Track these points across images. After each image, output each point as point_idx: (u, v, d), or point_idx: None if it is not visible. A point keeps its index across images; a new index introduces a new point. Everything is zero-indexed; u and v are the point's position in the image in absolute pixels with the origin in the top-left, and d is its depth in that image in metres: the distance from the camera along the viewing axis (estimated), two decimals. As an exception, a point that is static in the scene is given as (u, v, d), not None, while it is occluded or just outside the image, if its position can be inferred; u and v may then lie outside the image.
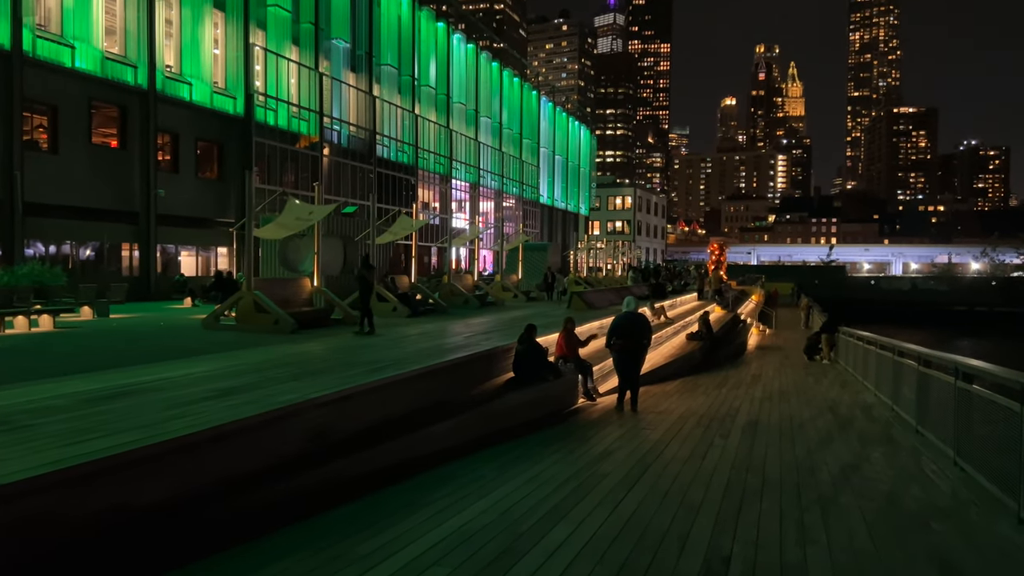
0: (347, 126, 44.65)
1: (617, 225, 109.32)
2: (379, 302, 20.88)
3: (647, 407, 11.40)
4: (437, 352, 10.28)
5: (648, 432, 9.19)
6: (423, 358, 9.45)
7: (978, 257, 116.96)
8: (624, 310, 11.38)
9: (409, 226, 23.54)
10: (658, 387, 14.44)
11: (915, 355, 9.47)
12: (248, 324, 16.03)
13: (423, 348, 10.97)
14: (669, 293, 33.37)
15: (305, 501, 5.42)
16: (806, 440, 9.02)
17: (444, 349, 10.74)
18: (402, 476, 6.52)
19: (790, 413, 11.34)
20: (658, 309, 22.74)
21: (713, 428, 9.66)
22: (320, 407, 6.38)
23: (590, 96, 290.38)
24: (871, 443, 8.91)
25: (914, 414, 9.56)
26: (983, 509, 5.90)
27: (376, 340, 12.61)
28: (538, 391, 10.00)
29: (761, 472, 7.12)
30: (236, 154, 36.39)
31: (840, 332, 21.20)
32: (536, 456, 7.60)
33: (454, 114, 56.55)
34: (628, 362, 11.13)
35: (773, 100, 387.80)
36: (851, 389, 14.90)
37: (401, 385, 7.74)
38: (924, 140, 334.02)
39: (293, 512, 5.23)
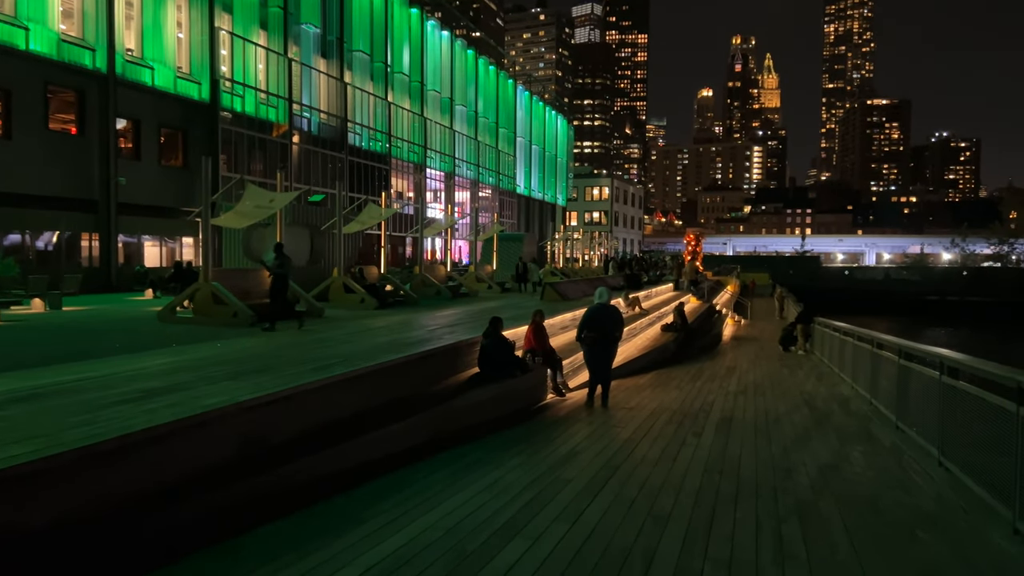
0: (317, 113, 43.67)
1: (594, 216, 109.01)
2: (346, 293, 20.25)
3: (618, 402, 10.92)
4: (396, 347, 9.69)
5: (618, 430, 8.69)
6: (379, 354, 8.87)
7: (949, 247, 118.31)
8: (596, 301, 10.87)
9: (377, 215, 22.85)
10: (631, 380, 13.98)
11: (895, 347, 9.06)
12: (205, 316, 15.33)
13: (382, 342, 10.37)
14: (644, 284, 32.99)
15: (220, 520, 4.82)
16: (782, 437, 8.57)
17: (404, 343, 10.16)
18: (344, 486, 5.94)
19: (765, 407, 10.92)
20: (633, 300, 22.30)
21: (686, 425, 9.19)
22: (250, 411, 5.78)
23: (568, 86, 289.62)
24: (850, 440, 8.48)
25: (894, 409, 9.16)
26: (973, 516, 5.45)
27: (334, 334, 11.99)
28: (503, 388, 9.46)
29: (735, 475, 6.64)
30: (202, 141, 35.34)
31: (816, 323, 20.91)
32: (496, 460, 7.05)
33: (428, 102, 55.68)
34: (599, 356, 10.63)
35: (749, 92, 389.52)
36: (827, 381, 14.55)
37: (349, 384, 7.15)
38: (897, 132, 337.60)
39: (205, 534, 4.63)
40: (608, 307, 10.88)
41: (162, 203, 32.02)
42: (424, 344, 9.98)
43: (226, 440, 5.47)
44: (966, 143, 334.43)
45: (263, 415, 5.95)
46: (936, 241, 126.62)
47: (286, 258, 13.77)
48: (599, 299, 10.85)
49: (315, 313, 17.07)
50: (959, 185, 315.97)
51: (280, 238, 18.68)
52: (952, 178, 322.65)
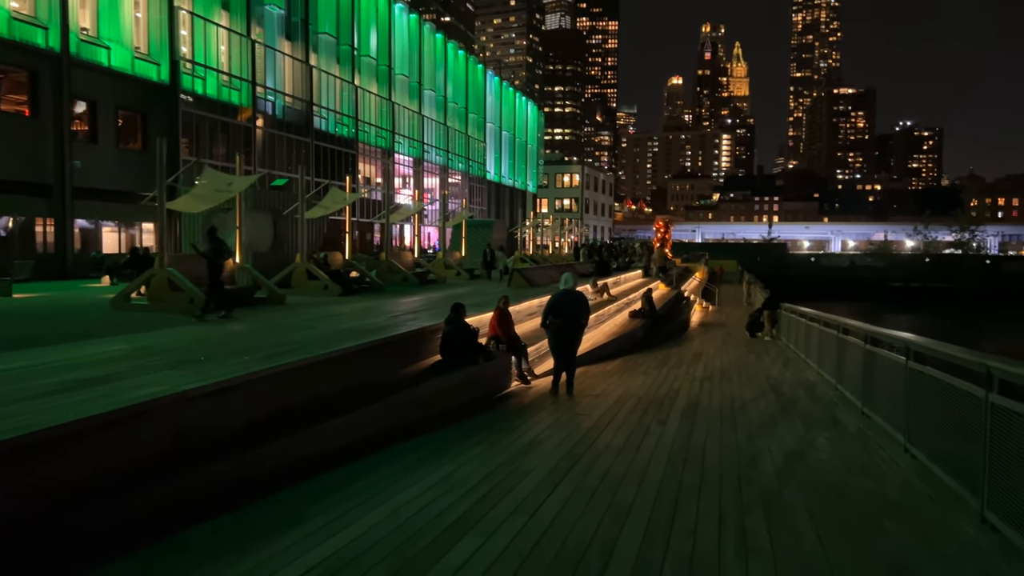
0: (282, 97, 42.81)
1: (565, 203, 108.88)
2: (309, 280, 19.82)
3: (584, 389, 10.72)
4: (355, 334, 9.37)
5: (582, 418, 8.48)
6: (337, 341, 8.55)
7: (912, 234, 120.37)
8: (561, 287, 10.63)
9: (341, 199, 22.37)
10: (598, 367, 13.81)
11: (861, 333, 8.97)
12: (161, 303, 14.85)
13: (341, 330, 10.04)
14: (613, 270, 32.92)
15: (154, 518, 4.50)
16: (748, 424, 8.44)
17: (364, 331, 9.84)
18: (293, 480, 5.64)
19: (731, 394, 10.80)
20: (601, 287, 22.15)
21: (651, 412, 9.02)
22: (192, 401, 5.45)
23: (538, 72, 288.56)
24: (815, 426, 8.37)
25: (859, 394, 9.07)
26: (940, 505, 5.33)
27: (292, 321, 11.62)
28: (464, 375, 9.20)
29: (700, 464, 6.46)
30: (162, 124, 34.40)
31: (782, 309, 20.95)
32: (453, 451, 6.80)
33: (396, 86, 54.93)
34: (564, 343, 10.42)
35: (718, 80, 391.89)
36: (793, 367, 14.53)
37: (301, 373, 6.83)
38: (862, 120, 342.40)
39: (136, 533, 4.31)
40: (574, 293, 10.66)
41: (121, 187, 31.09)
42: (385, 331, 9.68)
43: (163, 433, 5.14)
44: (929, 132, 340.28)
45: (206, 406, 5.62)
46: (900, 228, 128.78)
47: (221, 242, 13.18)
48: (564, 285, 10.62)
49: (276, 300, 16.67)
50: (922, 173, 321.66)
51: (239, 223, 18.19)
52: (915, 166, 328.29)
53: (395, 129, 54.87)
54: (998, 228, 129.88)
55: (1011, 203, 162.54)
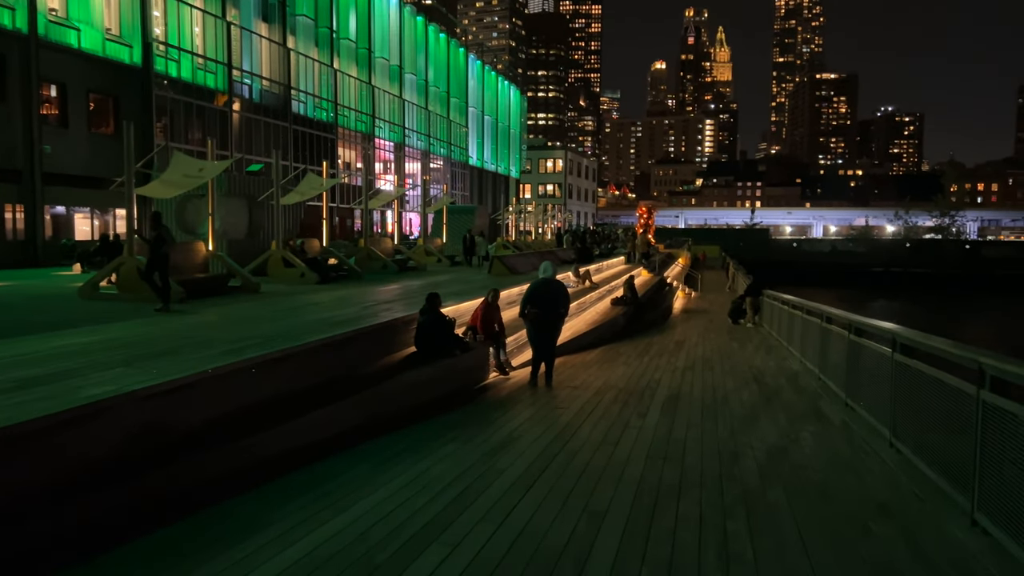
0: (259, 80, 42.05)
1: (548, 188, 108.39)
2: (285, 268, 19.41)
3: (563, 380, 10.48)
4: (326, 325, 9.05)
5: (560, 412, 8.24)
6: (306, 333, 8.23)
7: (892, 220, 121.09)
8: (540, 276, 10.36)
9: (318, 185, 21.92)
10: (578, 356, 13.58)
11: (846, 322, 8.77)
12: (131, 293, 14.41)
13: (312, 320, 9.71)
14: (596, 257, 32.71)
15: (103, 528, 4.20)
16: (730, 417, 8.23)
17: (336, 322, 9.52)
18: (257, 482, 5.35)
19: (713, 384, 10.61)
20: (583, 273, 21.89)
21: (631, 405, 8.79)
22: (145, 401, 5.13)
23: (521, 57, 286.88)
24: (799, 419, 8.19)
25: (843, 386, 8.90)
26: (928, 505, 5.13)
27: (261, 311, 11.28)
28: (439, 368, 8.92)
29: (680, 461, 6.23)
30: (135, 108, 33.67)
31: (764, 295, 20.83)
32: (426, 449, 6.53)
33: (376, 70, 54.19)
34: (544, 333, 10.16)
35: (702, 65, 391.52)
36: (776, 355, 14.38)
37: (266, 368, 6.52)
38: (844, 106, 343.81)
39: (79, 545, 4.01)
40: (553, 282, 10.40)
41: (93, 173, 30.39)
42: (358, 322, 9.36)
43: (110, 437, 4.82)
44: (910, 118, 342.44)
45: (159, 406, 5.30)
46: (881, 214, 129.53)
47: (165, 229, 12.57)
48: (543, 273, 10.35)
49: (250, 288, 16.28)
50: (903, 159, 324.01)
51: (212, 209, 17.74)
52: (896, 152, 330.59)
53: (375, 113, 54.19)
54: (977, 213, 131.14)
55: (990, 188, 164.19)
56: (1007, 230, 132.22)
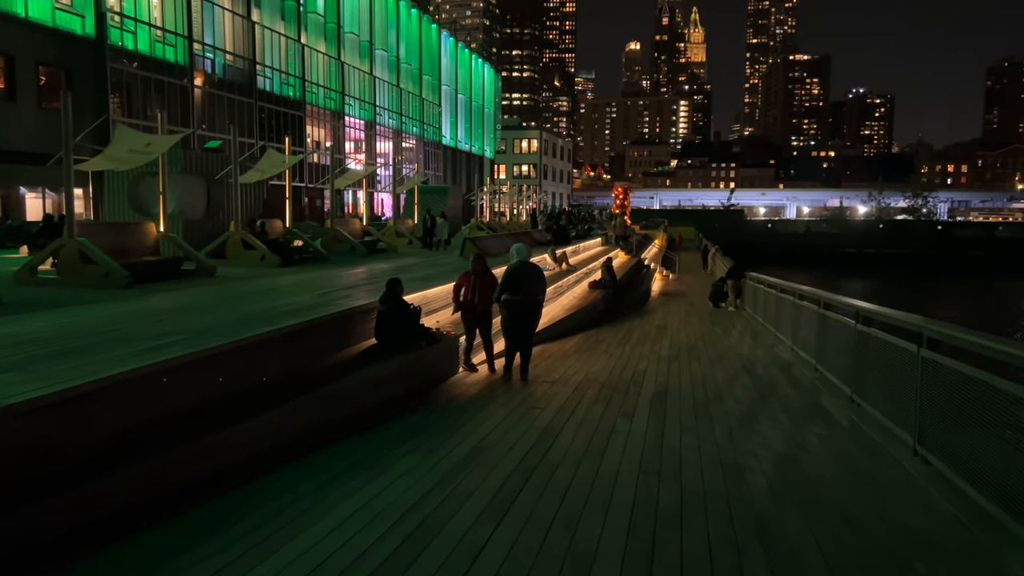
0: (222, 54, 40.33)
1: (523, 169, 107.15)
2: (245, 250, 18.27)
3: (540, 374, 9.58)
4: (271, 316, 8.03)
5: (537, 412, 7.32)
6: (246, 325, 7.22)
7: (866, 201, 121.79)
8: (515, 259, 9.40)
9: (280, 162, 20.70)
10: (556, 345, 12.69)
11: (853, 311, 7.94)
12: (71, 277, 13.25)
13: (259, 310, 8.67)
14: (573, 238, 31.81)
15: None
16: (725, 417, 7.38)
17: (284, 311, 8.49)
18: (153, 519, 4.36)
19: (702, 376, 9.76)
20: (560, 256, 20.99)
21: (615, 402, 7.91)
22: (27, 417, 4.12)
23: (495, 36, 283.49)
24: (802, 420, 7.36)
25: (847, 380, 8.08)
26: (980, 536, 4.28)
27: (204, 299, 10.20)
28: (402, 363, 7.95)
29: (677, 478, 5.35)
30: (89, 82, 32.03)
31: (747, 278, 20.10)
32: (380, 463, 5.58)
33: (346, 45, 52.47)
34: (522, 322, 9.24)
35: (676, 46, 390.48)
36: (763, 341, 13.61)
37: (182, 373, 5.51)
38: (817, 87, 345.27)
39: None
40: (530, 265, 9.47)
41: (44, 150, 28.65)
42: (310, 311, 8.35)
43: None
44: (881, 99, 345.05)
45: (46, 422, 4.29)
46: (854, 195, 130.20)
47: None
48: (518, 256, 9.39)
49: (205, 272, 15.16)
50: (874, 141, 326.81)
51: (163, 187, 16.52)
52: (867, 133, 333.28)
53: (345, 91, 52.55)
54: (948, 195, 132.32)
55: (960, 169, 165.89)
56: (976, 211, 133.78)
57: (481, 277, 9.53)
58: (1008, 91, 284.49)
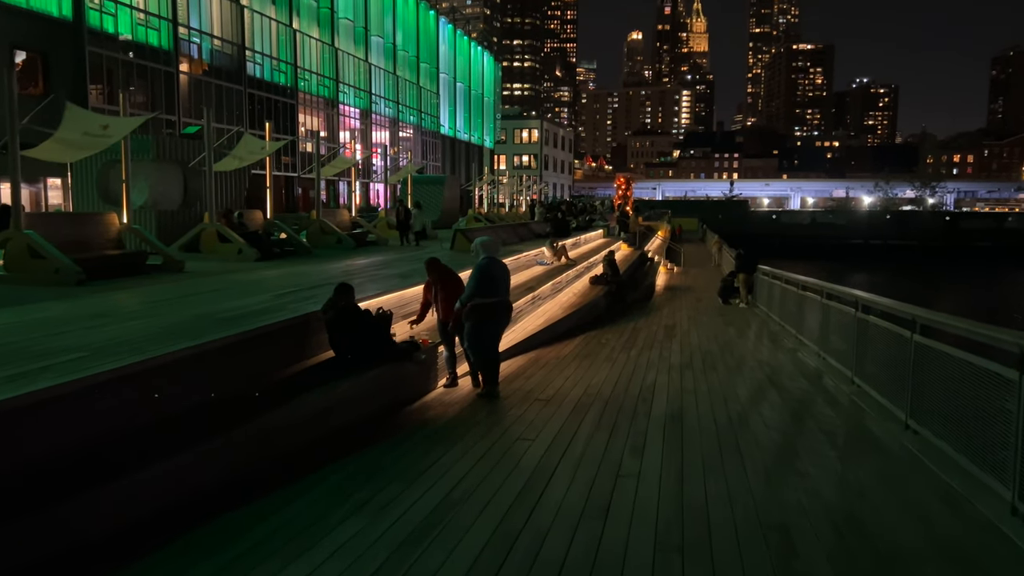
0: (209, 39, 38.86)
1: (524, 159, 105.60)
2: (221, 243, 16.92)
3: (533, 388, 8.22)
4: (207, 324, 6.67)
5: (523, 447, 5.95)
6: (173, 336, 5.86)
7: (872, 191, 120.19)
8: (483, 255, 7.94)
9: (258, 149, 19.27)
10: (553, 349, 11.32)
11: (909, 316, 6.56)
12: (20, 273, 11.95)
13: (193, 317, 7.27)
14: (573, 230, 30.42)
15: None
16: (757, 450, 6.01)
17: (227, 317, 7.12)
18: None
19: (722, 392, 8.40)
20: (559, 249, 19.60)
21: (621, 429, 6.54)
22: None
23: (496, 25, 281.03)
24: (851, 453, 6.00)
25: (900, 399, 6.71)
26: None
27: (147, 301, 8.83)
28: (359, 384, 6.56)
29: (707, 554, 3.98)
30: (68, 67, 30.63)
31: (760, 273, 18.73)
32: (312, 529, 4.22)
33: (340, 31, 50.95)
34: (494, 330, 7.89)
35: (678, 35, 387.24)
36: (783, 344, 12.25)
37: (78, 399, 4.16)
38: (820, 77, 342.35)
39: None
40: (501, 262, 8.12)
41: (20, 138, 27.30)
42: (256, 317, 6.98)
43: None
44: (885, 89, 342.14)
45: None
46: (859, 185, 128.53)
47: None
48: (486, 252, 7.96)
49: (173, 267, 13.82)
50: (877, 131, 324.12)
51: (125, 175, 15.16)
52: (871, 124, 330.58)
53: (339, 78, 51.06)
54: (954, 185, 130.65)
55: (966, 160, 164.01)
56: (982, 201, 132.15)
57: (443, 284, 8.17)
58: (1014, 81, 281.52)
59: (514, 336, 11.47)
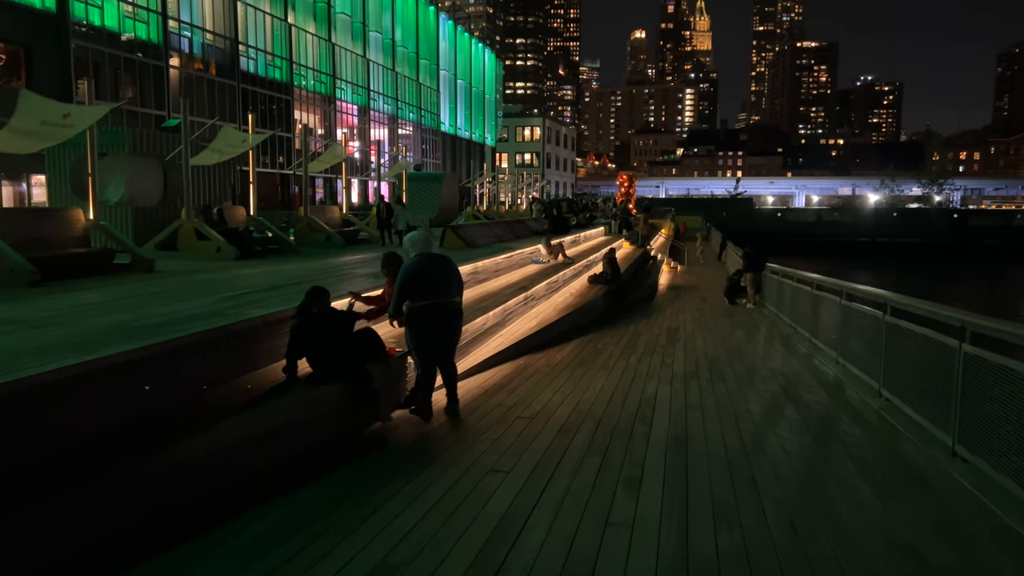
0: (200, 32, 37.92)
1: (526, 157, 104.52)
2: (199, 241, 15.96)
3: (518, 401, 7.22)
4: (119, 334, 5.66)
5: (498, 480, 4.95)
6: (69, 350, 4.87)
7: (878, 188, 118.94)
8: (417, 252, 6.68)
9: (239, 142, 18.28)
10: (544, 356, 10.30)
11: (955, 323, 5.55)
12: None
13: (112, 324, 6.24)
14: (573, 227, 29.42)
15: None
16: (778, 484, 5.00)
17: (149, 325, 6.09)
18: None
19: (732, 405, 7.38)
20: (555, 247, 18.56)
21: (615, 456, 5.53)
22: None
23: (499, 24, 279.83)
24: (889, 487, 4.98)
25: (941, 419, 5.70)
26: None
27: (88, 304, 7.82)
28: (299, 407, 5.52)
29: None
30: (52, 61, 29.71)
31: (768, 271, 17.71)
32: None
33: (337, 26, 49.99)
34: (444, 338, 6.68)
35: (681, 34, 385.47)
36: (796, 349, 11.24)
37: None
38: (825, 75, 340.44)
39: None
40: (438, 257, 6.86)
41: None
42: (184, 325, 5.97)
43: None
44: (889, 87, 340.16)
45: None
46: (865, 183, 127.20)
47: None
48: (414, 248, 6.70)
49: (142, 266, 12.84)
50: (882, 129, 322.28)
51: (91, 168, 14.17)
52: (875, 121, 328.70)
53: (336, 74, 50.10)
54: (961, 182, 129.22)
55: (972, 157, 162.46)
56: (989, 199, 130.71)
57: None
58: (1020, 78, 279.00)
59: (502, 341, 10.47)
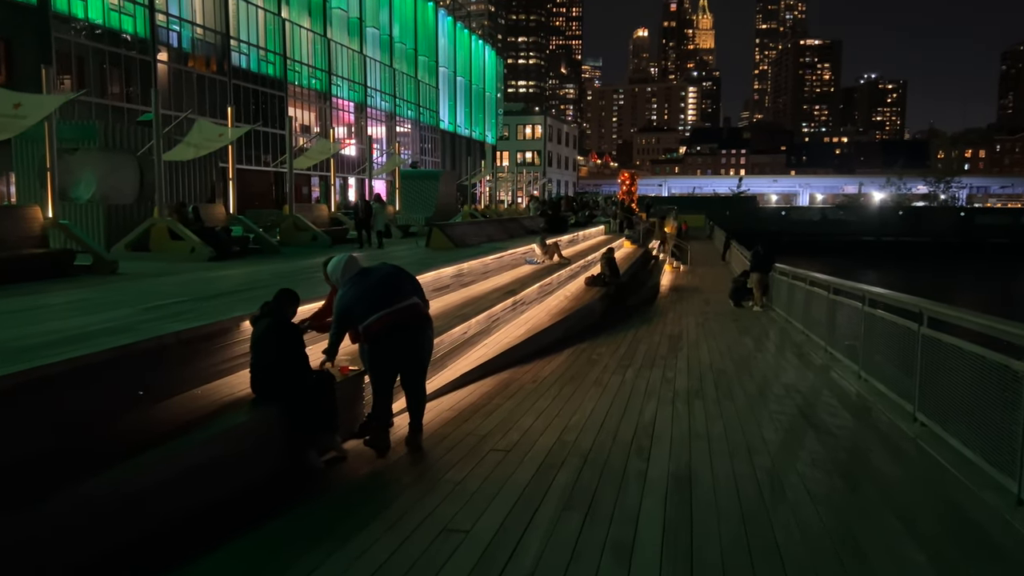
0: (190, 26, 36.92)
1: (527, 156, 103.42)
2: (173, 241, 14.98)
3: (494, 428, 6.21)
4: (16, 351, 4.66)
5: (453, 543, 3.94)
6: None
7: (884, 186, 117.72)
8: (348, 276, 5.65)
9: (215, 136, 17.28)
10: (531, 369, 9.29)
11: (1018, 341, 4.53)
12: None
13: (20, 336, 5.28)
14: (572, 226, 28.39)
15: None
16: (805, 552, 3.98)
17: (21, 348, 5.10)
18: None
19: (744, 436, 6.35)
20: (551, 247, 17.54)
21: (603, 509, 4.52)
22: None
23: (501, 22, 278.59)
24: (946, 553, 3.97)
25: (1008, 462, 4.68)
26: None
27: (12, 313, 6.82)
28: (216, 445, 4.53)
29: None
30: (33, 54, 28.71)
31: (776, 272, 16.71)
32: None
33: (333, 21, 48.98)
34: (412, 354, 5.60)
35: (684, 32, 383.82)
36: (810, 360, 10.22)
37: None
38: (828, 73, 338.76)
39: None
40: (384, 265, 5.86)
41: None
42: (72, 346, 4.96)
43: None
44: (893, 84, 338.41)
45: None
46: (869, 181, 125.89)
47: None
48: (350, 269, 5.67)
49: (105, 268, 11.85)
50: (886, 127, 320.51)
51: (49, 163, 13.18)
52: (879, 119, 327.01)
53: (332, 70, 49.08)
54: (967, 180, 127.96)
55: (977, 155, 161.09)
56: (995, 197, 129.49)
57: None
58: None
59: (485, 351, 9.45)
